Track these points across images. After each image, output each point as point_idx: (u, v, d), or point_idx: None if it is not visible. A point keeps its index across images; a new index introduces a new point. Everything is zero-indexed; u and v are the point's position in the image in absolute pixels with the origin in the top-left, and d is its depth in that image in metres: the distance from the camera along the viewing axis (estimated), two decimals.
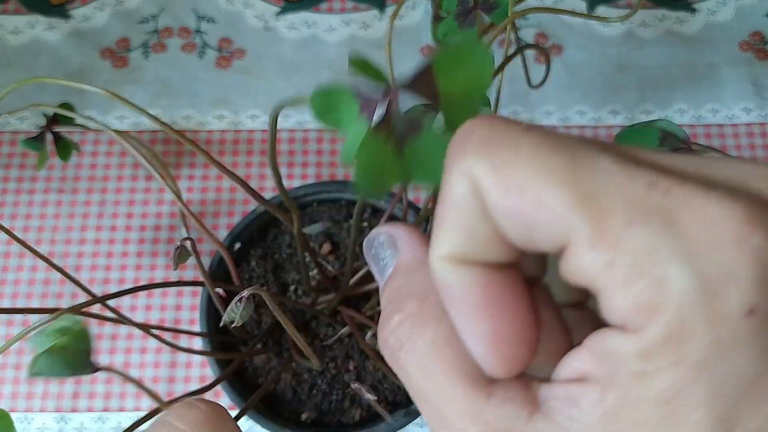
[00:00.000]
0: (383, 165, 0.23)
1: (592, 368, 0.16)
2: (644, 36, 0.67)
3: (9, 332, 0.57)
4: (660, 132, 0.32)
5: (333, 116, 0.23)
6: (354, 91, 0.23)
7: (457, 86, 0.23)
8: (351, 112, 0.23)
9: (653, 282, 0.14)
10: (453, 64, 0.23)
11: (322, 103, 0.23)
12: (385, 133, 0.23)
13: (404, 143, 0.23)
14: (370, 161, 0.22)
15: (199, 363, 0.56)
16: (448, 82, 0.23)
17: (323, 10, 0.69)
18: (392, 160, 0.23)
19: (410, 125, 0.23)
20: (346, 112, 0.23)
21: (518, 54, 0.43)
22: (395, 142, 0.23)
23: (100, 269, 0.59)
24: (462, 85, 0.23)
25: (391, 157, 0.23)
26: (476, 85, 0.23)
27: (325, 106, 0.23)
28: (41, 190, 0.62)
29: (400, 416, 0.47)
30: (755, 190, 0.15)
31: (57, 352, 0.30)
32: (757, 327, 0.14)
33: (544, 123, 0.63)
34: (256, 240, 0.53)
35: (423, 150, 0.23)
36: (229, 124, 0.64)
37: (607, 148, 0.16)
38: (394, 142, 0.23)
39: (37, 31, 0.68)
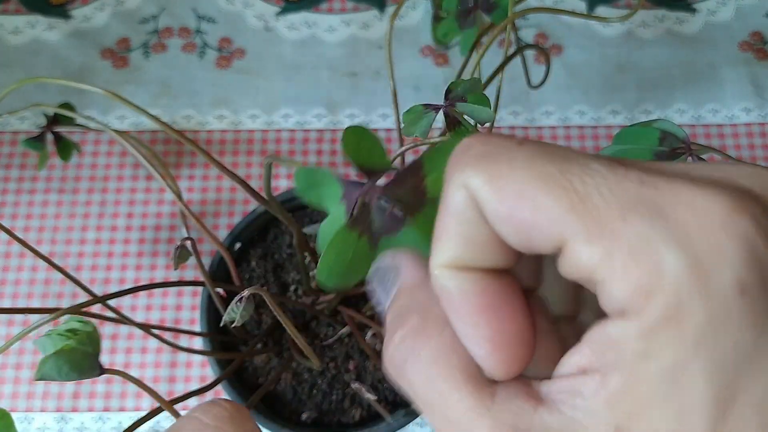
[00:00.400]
0: (352, 261, 0.22)
1: (592, 360, 0.17)
2: (644, 36, 0.67)
3: (9, 332, 0.57)
4: (659, 132, 0.32)
5: (315, 194, 0.22)
6: (337, 177, 0.22)
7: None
8: (333, 194, 0.22)
9: (650, 267, 0.15)
10: (443, 159, 0.21)
11: (306, 180, 0.22)
12: (361, 228, 0.22)
13: (379, 240, 0.22)
14: (338, 256, 0.22)
15: (199, 363, 0.57)
16: (436, 178, 0.22)
17: (323, 10, 0.69)
18: (363, 255, 0.22)
19: (389, 223, 0.22)
20: (328, 193, 0.22)
21: (518, 54, 0.43)
22: (369, 238, 0.22)
23: (100, 269, 0.59)
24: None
25: (362, 252, 0.22)
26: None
27: (308, 184, 0.22)
28: (42, 190, 0.62)
29: (400, 416, 0.47)
30: (740, 185, 0.16)
31: (65, 355, 0.30)
32: (749, 303, 0.15)
33: (543, 123, 0.64)
34: (257, 240, 0.53)
35: (399, 247, 0.22)
36: (229, 124, 0.64)
37: (598, 156, 0.17)
38: (368, 237, 0.22)
39: (37, 31, 0.68)
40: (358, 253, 0.22)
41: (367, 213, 0.22)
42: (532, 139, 0.18)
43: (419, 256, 0.22)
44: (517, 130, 0.63)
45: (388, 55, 0.44)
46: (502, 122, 0.63)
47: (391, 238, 0.22)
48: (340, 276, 0.22)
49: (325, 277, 0.22)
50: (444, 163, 0.22)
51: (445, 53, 0.67)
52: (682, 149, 0.31)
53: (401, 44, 0.67)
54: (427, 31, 0.68)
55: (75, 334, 0.30)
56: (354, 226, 0.22)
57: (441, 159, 0.22)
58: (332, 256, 0.22)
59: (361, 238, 0.22)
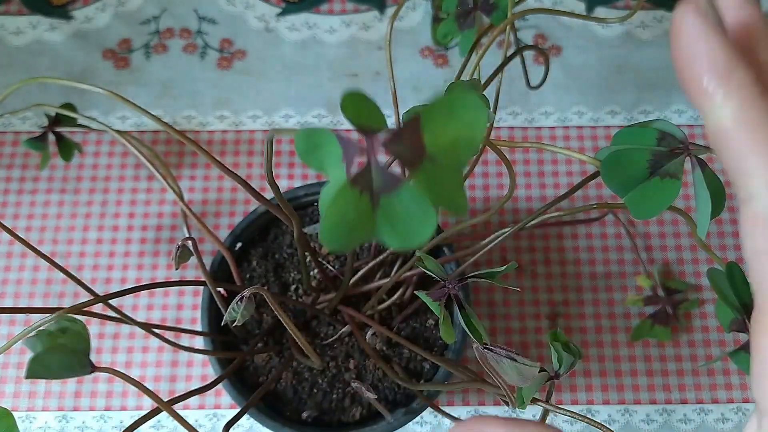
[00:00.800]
0: (354, 221, 0.21)
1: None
2: (643, 37, 0.67)
3: (11, 331, 0.58)
4: (658, 132, 0.32)
5: (316, 158, 0.22)
6: (337, 137, 0.22)
7: (445, 139, 0.22)
8: (334, 155, 0.22)
9: None
10: (442, 115, 0.21)
11: (306, 143, 0.22)
12: (361, 186, 0.21)
13: (380, 199, 0.22)
14: (341, 216, 0.21)
15: (200, 362, 0.57)
16: (435, 135, 0.22)
17: (324, 11, 0.69)
18: (365, 215, 0.22)
19: (389, 181, 0.22)
20: (328, 155, 0.22)
21: (517, 55, 0.44)
22: (370, 197, 0.22)
23: (102, 269, 0.59)
24: (451, 137, 0.22)
25: (364, 213, 0.22)
26: (466, 138, 0.22)
27: (308, 147, 0.22)
28: (44, 190, 0.62)
29: (399, 415, 0.47)
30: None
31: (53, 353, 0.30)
32: None
33: (542, 124, 0.64)
34: (257, 240, 0.53)
35: (399, 207, 0.22)
36: (230, 124, 0.64)
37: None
38: (369, 196, 0.22)
39: (39, 32, 0.68)
40: (360, 212, 0.21)
41: (367, 171, 0.22)
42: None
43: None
44: (516, 130, 0.64)
45: (388, 56, 0.44)
46: (502, 123, 0.64)
47: (391, 196, 0.22)
48: (343, 237, 0.21)
49: (327, 239, 0.21)
50: (442, 119, 0.22)
51: (444, 54, 0.67)
52: (681, 149, 0.32)
53: (401, 45, 0.67)
54: (426, 32, 0.68)
55: (64, 332, 0.31)
56: (355, 184, 0.21)
57: (438, 115, 0.22)
58: (334, 216, 0.21)
59: (362, 197, 0.21)
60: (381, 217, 0.22)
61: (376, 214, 0.22)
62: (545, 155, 0.63)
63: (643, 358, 0.57)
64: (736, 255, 0.59)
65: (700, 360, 0.57)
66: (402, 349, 0.50)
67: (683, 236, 0.60)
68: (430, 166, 0.22)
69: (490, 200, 0.61)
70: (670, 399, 0.56)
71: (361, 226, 0.22)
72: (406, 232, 0.22)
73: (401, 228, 0.22)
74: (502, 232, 0.40)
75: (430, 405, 0.46)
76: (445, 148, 0.22)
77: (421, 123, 0.21)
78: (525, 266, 0.59)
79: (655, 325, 0.57)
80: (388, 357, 0.49)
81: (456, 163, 0.22)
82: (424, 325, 0.50)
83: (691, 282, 0.59)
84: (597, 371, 0.56)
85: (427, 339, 0.50)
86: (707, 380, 0.56)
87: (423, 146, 0.22)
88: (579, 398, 0.56)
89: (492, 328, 0.57)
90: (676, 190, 0.31)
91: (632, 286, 0.59)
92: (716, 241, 0.60)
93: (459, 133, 0.22)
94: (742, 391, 0.56)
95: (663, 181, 0.31)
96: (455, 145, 0.22)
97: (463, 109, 0.21)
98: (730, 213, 0.60)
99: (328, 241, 0.21)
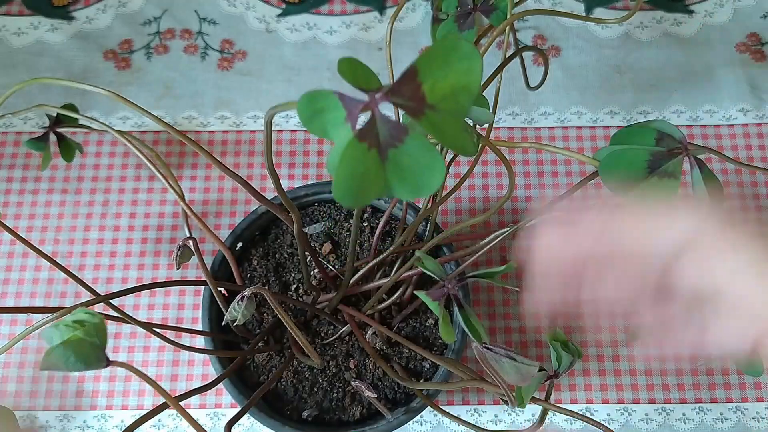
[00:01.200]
0: (365, 175, 0.22)
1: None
2: (641, 38, 0.68)
3: (12, 331, 0.58)
4: (656, 132, 0.33)
5: (319, 123, 0.22)
6: (339, 97, 0.22)
7: (444, 87, 0.22)
8: (337, 118, 0.22)
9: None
10: (437, 64, 0.22)
11: (309, 108, 0.22)
12: (368, 141, 0.22)
13: (387, 152, 0.22)
14: (351, 171, 0.22)
15: (201, 361, 0.57)
16: (434, 84, 0.22)
17: (324, 12, 0.69)
18: (375, 169, 0.22)
19: (395, 132, 0.22)
20: (331, 119, 0.22)
21: (517, 56, 0.44)
22: (378, 151, 0.22)
23: (103, 268, 0.60)
24: (449, 85, 0.22)
25: (373, 167, 0.22)
26: (464, 83, 0.22)
27: (311, 112, 0.22)
28: (45, 190, 0.62)
29: (399, 414, 0.47)
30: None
31: (72, 346, 0.30)
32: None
33: (542, 124, 0.64)
34: (258, 240, 0.54)
35: (407, 159, 0.22)
36: (231, 124, 0.64)
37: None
38: (377, 150, 0.22)
39: (40, 32, 0.68)
40: (369, 166, 0.22)
41: (372, 124, 0.22)
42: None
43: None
44: (516, 131, 0.64)
45: (388, 57, 0.45)
46: (501, 123, 0.64)
47: (398, 148, 0.22)
48: (355, 192, 0.22)
49: (340, 194, 0.22)
50: (438, 68, 0.22)
51: None
52: (679, 150, 0.32)
53: (401, 46, 0.68)
54: (426, 33, 0.68)
55: (82, 325, 0.31)
56: (362, 139, 0.22)
57: (434, 64, 0.22)
58: (345, 171, 0.22)
59: (371, 151, 0.22)
60: (390, 170, 0.22)
61: (385, 167, 0.22)
62: (544, 155, 0.63)
63: (642, 357, 0.57)
64: None
65: (698, 360, 0.57)
66: (402, 348, 0.50)
67: None
68: (433, 114, 0.22)
69: (490, 200, 0.61)
70: (669, 398, 0.56)
71: (372, 180, 0.22)
72: (416, 182, 0.22)
73: (411, 179, 0.22)
74: (501, 232, 0.40)
75: (430, 404, 0.46)
76: (444, 96, 0.22)
77: (418, 74, 0.22)
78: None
79: None
80: (388, 356, 0.50)
81: (457, 110, 0.22)
82: (424, 324, 0.51)
83: None
84: (596, 370, 0.57)
85: (426, 338, 0.50)
86: (706, 380, 0.56)
87: (423, 96, 0.22)
88: (578, 397, 0.56)
89: (491, 327, 0.58)
90: (675, 189, 0.31)
91: None
92: None
93: (456, 81, 0.22)
94: (741, 390, 0.56)
95: (662, 180, 0.31)
96: (454, 93, 0.22)
97: (457, 58, 0.22)
98: None
99: (342, 196, 0.22)
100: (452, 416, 0.45)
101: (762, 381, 0.56)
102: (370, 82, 0.22)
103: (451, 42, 0.22)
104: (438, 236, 0.42)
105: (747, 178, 0.62)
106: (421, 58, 0.22)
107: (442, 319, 0.35)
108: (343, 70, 0.21)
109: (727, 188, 0.61)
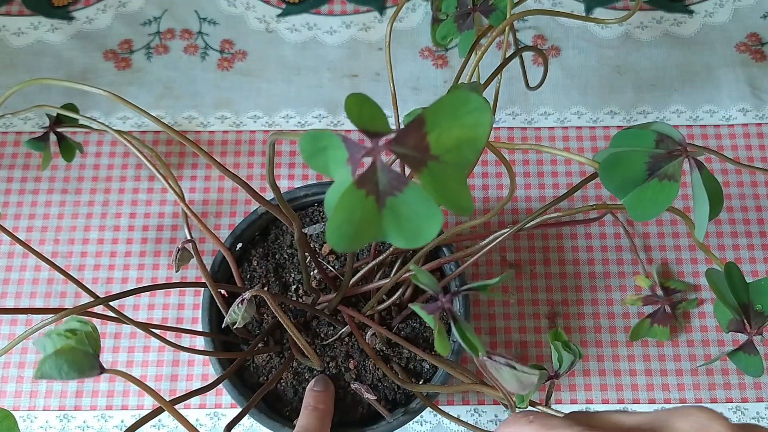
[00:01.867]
0: (361, 222, 0.22)
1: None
2: (641, 38, 0.68)
3: (12, 331, 0.58)
4: (656, 134, 0.33)
5: (321, 160, 0.22)
6: (342, 139, 0.22)
7: (450, 140, 0.22)
8: (338, 157, 0.22)
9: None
10: (446, 115, 0.22)
11: (311, 146, 0.22)
12: (367, 188, 0.22)
13: (386, 200, 0.22)
14: (347, 217, 0.21)
15: (201, 361, 0.57)
16: (440, 136, 0.22)
17: (324, 12, 0.69)
18: (371, 216, 0.22)
19: (394, 182, 0.22)
20: (333, 158, 0.22)
21: (516, 56, 0.44)
22: (376, 198, 0.22)
23: (103, 268, 0.60)
24: (455, 138, 0.22)
25: (370, 214, 0.22)
26: (471, 139, 0.22)
27: (313, 150, 0.22)
28: (45, 190, 0.62)
29: (399, 415, 0.47)
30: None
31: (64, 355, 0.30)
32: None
33: (541, 124, 0.64)
34: (258, 240, 0.54)
35: (405, 208, 0.22)
36: (231, 125, 0.64)
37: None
38: (375, 197, 0.22)
39: (40, 33, 0.68)
40: (366, 213, 0.22)
41: (372, 172, 0.22)
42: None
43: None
44: (516, 131, 0.64)
45: (388, 57, 0.45)
46: (501, 123, 0.64)
47: (397, 197, 0.22)
48: (349, 238, 0.22)
49: (334, 240, 0.22)
50: (445, 119, 0.22)
51: (444, 55, 0.68)
52: (679, 151, 0.32)
53: (401, 46, 0.68)
54: (426, 33, 0.68)
55: (74, 334, 0.31)
56: (361, 185, 0.22)
57: (442, 115, 0.22)
58: (340, 216, 0.21)
59: (368, 198, 0.22)
60: (387, 218, 0.22)
61: (382, 214, 0.22)
62: (544, 155, 0.63)
63: (641, 357, 0.57)
64: (735, 255, 0.59)
65: (698, 359, 0.57)
66: (401, 349, 0.50)
67: (682, 236, 0.60)
68: (435, 167, 0.22)
69: (489, 200, 0.61)
70: (669, 398, 0.56)
71: (368, 227, 0.22)
72: (412, 232, 0.22)
73: (407, 228, 0.22)
74: (501, 233, 0.40)
75: (430, 405, 0.46)
76: (449, 149, 0.22)
77: (425, 124, 0.22)
78: (524, 266, 0.60)
79: (654, 324, 0.57)
80: (387, 357, 0.50)
81: (460, 163, 0.22)
82: (424, 325, 0.51)
83: (689, 282, 0.59)
84: (596, 370, 0.57)
85: (426, 339, 0.50)
86: (706, 380, 0.56)
87: (428, 147, 0.22)
88: (578, 397, 0.56)
89: (491, 328, 0.58)
90: (675, 192, 0.31)
91: (631, 286, 0.59)
92: (714, 242, 0.60)
93: (463, 134, 0.22)
94: (741, 390, 0.56)
95: (662, 183, 0.31)
96: (459, 146, 0.22)
97: (466, 111, 0.22)
98: (728, 213, 0.61)
99: (335, 241, 0.22)
100: (452, 417, 0.45)
101: (762, 381, 0.56)
102: (376, 123, 0.22)
103: (462, 94, 0.21)
104: (438, 237, 0.42)
105: (747, 178, 0.62)
106: (430, 108, 0.22)
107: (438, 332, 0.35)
108: (350, 108, 0.21)
109: (726, 189, 0.61)
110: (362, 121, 0.22)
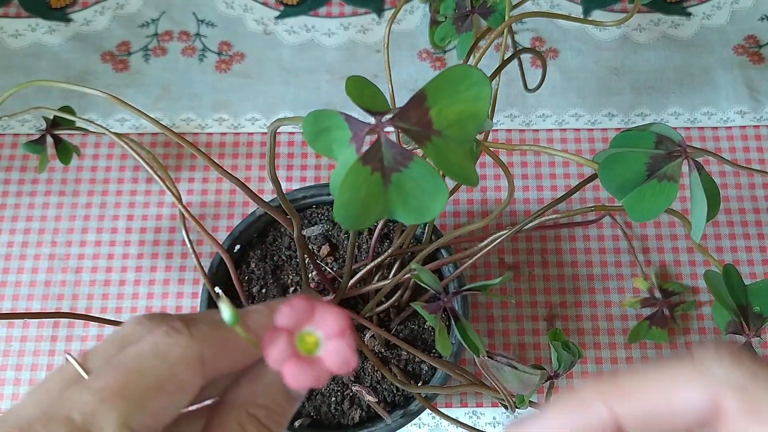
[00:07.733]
0: (366, 199, 0.22)
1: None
2: (639, 40, 0.68)
3: (9, 333, 0.58)
4: (655, 135, 0.33)
5: (324, 142, 0.22)
6: (345, 118, 0.22)
7: (452, 114, 0.22)
8: (342, 138, 0.22)
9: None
10: (446, 90, 0.22)
11: (314, 127, 0.22)
12: (372, 165, 0.22)
13: (391, 176, 0.22)
14: (353, 195, 0.21)
15: None
16: (441, 110, 0.22)
17: (322, 14, 0.69)
18: (377, 193, 0.22)
19: (399, 157, 0.22)
20: (336, 139, 0.22)
21: (514, 58, 0.44)
22: (381, 174, 0.22)
23: (100, 271, 0.60)
24: (457, 112, 0.22)
25: (376, 191, 0.22)
26: (472, 112, 0.22)
27: (316, 131, 0.22)
28: (42, 192, 0.62)
29: (398, 416, 0.47)
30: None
31: None
32: None
33: (540, 127, 0.64)
34: (256, 242, 0.54)
35: (410, 183, 0.22)
36: (228, 127, 0.64)
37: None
38: (380, 173, 0.22)
39: (37, 35, 0.68)
40: (372, 189, 0.22)
41: (377, 148, 0.22)
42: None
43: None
44: (514, 133, 0.64)
45: (386, 59, 0.45)
46: (499, 126, 0.64)
47: (402, 173, 0.22)
48: (356, 215, 0.22)
49: (341, 217, 0.22)
50: (446, 94, 0.22)
51: (442, 57, 0.68)
52: (678, 152, 0.32)
53: (399, 48, 0.68)
54: (424, 35, 0.68)
55: None
56: (366, 162, 0.22)
57: (443, 90, 0.22)
58: (346, 194, 0.21)
59: (374, 174, 0.22)
60: (393, 194, 0.22)
61: (388, 191, 0.22)
62: (543, 157, 0.63)
63: (640, 359, 0.57)
64: (733, 257, 0.59)
65: None
66: (400, 350, 0.50)
67: (680, 238, 0.60)
68: (439, 141, 0.22)
69: (488, 202, 0.61)
70: None
71: (374, 204, 0.22)
72: (419, 207, 0.22)
73: (413, 203, 0.22)
74: (499, 235, 0.40)
75: (428, 407, 0.46)
76: (451, 123, 0.22)
77: (426, 99, 0.22)
78: (522, 268, 0.60)
79: (652, 326, 0.57)
80: (386, 359, 0.50)
81: (463, 136, 0.22)
82: (423, 326, 0.51)
83: (687, 284, 0.59)
84: (594, 372, 0.57)
85: (425, 341, 0.50)
86: None
87: (430, 122, 0.22)
88: None
89: (489, 330, 0.58)
90: (674, 192, 0.31)
91: (629, 288, 0.59)
92: (713, 243, 0.60)
93: (464, 109, 0.22)
94: None
95: (661, 183, 0.31)
96: (461, 120, 0.22)
97: (467, 85, 0.22)
98: (726, 215, 0.61)
99: (342, 219, 0.22)
100: (450, 419, 0.45)
101: None
102: (376, 103, 0.22)
103: (461, 69, 0.22)
104: (437, 241, 0.42)
105: (745, 180, 0.62)
106: (431, 84, 0.22)
107: (439, 332, 0.35)
108: (351, 89, 0.21)
109: (724, 191, 0.61)
110: (363, 100, 0.22)
